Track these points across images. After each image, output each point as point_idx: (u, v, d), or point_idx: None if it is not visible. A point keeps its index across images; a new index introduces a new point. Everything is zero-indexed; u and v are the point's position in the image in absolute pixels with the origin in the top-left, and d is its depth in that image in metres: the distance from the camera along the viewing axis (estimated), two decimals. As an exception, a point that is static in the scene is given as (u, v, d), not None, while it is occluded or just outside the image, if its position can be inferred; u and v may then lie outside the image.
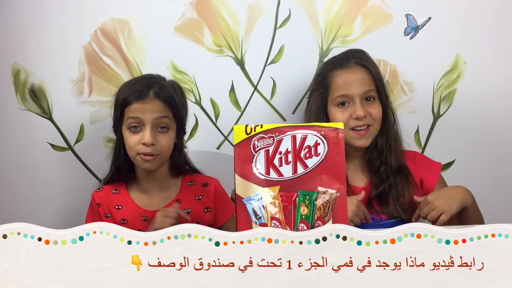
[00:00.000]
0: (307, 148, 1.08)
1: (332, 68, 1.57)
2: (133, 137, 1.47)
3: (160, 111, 1.47)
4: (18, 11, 1.75)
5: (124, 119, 1.49)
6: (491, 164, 1.87)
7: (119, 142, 1.53)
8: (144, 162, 1.47)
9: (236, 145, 1.08)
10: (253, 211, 1.06)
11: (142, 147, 1.46)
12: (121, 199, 1.54)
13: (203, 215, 1.55)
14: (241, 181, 1.07)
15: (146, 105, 1.46)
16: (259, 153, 1.08)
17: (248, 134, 1.08)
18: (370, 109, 1.51)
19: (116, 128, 1.54)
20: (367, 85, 1.52)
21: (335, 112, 1.53)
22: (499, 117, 1.85)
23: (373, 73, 1.54)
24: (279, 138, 1.08)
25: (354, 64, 1.54)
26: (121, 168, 1.54)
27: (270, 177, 1.07)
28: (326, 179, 1.08)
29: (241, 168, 1.07)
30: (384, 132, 1.56)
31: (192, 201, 1.54)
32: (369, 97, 1.53)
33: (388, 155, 1.55)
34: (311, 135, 1.09)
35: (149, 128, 1.46)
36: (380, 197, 1.52)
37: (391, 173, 1.54)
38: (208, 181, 1.58)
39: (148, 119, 1.46)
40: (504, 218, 1.78)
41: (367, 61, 1.56)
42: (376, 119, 1.53)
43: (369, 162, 1.56)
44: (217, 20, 1.78)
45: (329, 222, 1.06)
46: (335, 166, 1.08)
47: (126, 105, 1.48)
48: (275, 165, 1.08)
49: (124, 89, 1.52)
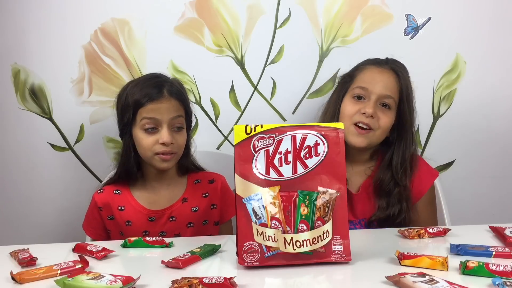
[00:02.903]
0: (307, 148, 1.08)
1: (367, 63, 1.56)
2: (149, 138, 1.45)
3: (175, 110, 1.47)
4: (18, 11, 1.75)
5: (137, 120, 1.46)
6: (491, 164, 1.87)
7: (129, 144, 1.49)
8: (163, 161, 1.46)
9: (236, 145, 1.08)
10: (253, 211, 1.06)
11: (160, 147, 1.45)
12: (123, 199, 1.52)
13: (210, 212, 1.55)
14: (241, 181, 1.07)
15: (162, 104, 1.45)
16: (259, 153, 1.08)
17: (248, 134, 1.08)
18: (380, 114, 1.48)
19: (124, 131, 1.50)
20: (390, 90, 1.49)
21: (347, 102, 1.51)
22: (499, 117, 1.86)
23: (402, 84, 1.51)
24: (279, 138, 1.08)
25: (388, 67, 1.52)
26: (131, 170, 1.51)
27: (270, 177, 1.07)
28: (326, 179, 1.08)
29: (241, 168, 1.07)
30: (401, 153, 1.51)
31: (199, 198, 1.54)
32: (386, 103, 1.49)
33: (403, 177, 1.50)
34: (311, 135, 1.09)
35: (166, 127, 1.45)
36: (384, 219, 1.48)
37: (402, 199, 1.48)
38: (214, 177, 1.57)
39: (164, 119, 1.45)
40: (504, 218, 1.79)
41: (402, 72, 1.53)
42: (382, 127, 1.48)
43: (382, 182, 1.50)
44: (217, 20, 1.78)
45: (329, 222, 1.06)
46: (335, 166, 1.08)
47: (139, 106, 1.45)
48: (275, 165, 1.07)
49: (133, 91, 1.48)
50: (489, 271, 0.98)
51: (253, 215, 1.06)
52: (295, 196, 1.06)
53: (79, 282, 0.96)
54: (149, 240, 1.24)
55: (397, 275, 0.95)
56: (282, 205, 1.06)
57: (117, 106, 1.52)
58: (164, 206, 1.51)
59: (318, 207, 1.06)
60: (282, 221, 1.05)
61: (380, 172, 1.52)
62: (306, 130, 1.09)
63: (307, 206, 1.06)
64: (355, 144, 1.49)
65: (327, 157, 1.08)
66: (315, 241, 1.05)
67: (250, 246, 1.05)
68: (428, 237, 1.24)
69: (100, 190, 1.55)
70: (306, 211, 1.06)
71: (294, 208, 1.06)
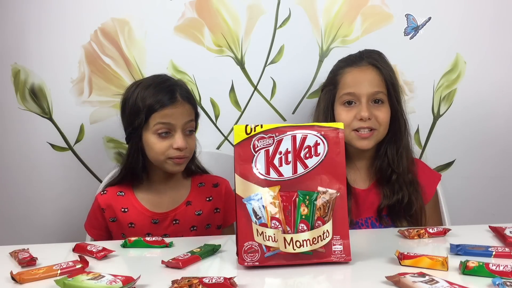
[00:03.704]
0: (307, 148, 1.08)
1: (344, 65, 1.53)
2: (162, 142, 1.44)
3: (188, 114, 1.46)
4: (18, 11, 1.75)
5: (149, 125, 1.44)
6: (491, 164, 1.87)
7: (138, 147, 1.47)
8: (176, 165, 1.46)
9: (236, 145, 1.08)
10: (253, 211, 1.06)
11: (174, 152, 1.44)
12: (127, 201, 1.51)
13: (213, 216, 1.54)
14: (241, 181, 1.07)
15: (177, 109, 1.44)
16: (259, 153, 1.08)
17: (248, 134, 1.08)
18: (376, 112, 1.47)
19: (133, 135, 1.47)
20: (376, 86, 1.47)
21: (340, 111, 1.49)
22: (499, 117, 1.86)
23: (385, 75, 1.48)
24: (279, 138, 1.08)
25: (366, 63, 1.50)
26: (137, 173, 1.50)
27: (270, 177, 1.07)
28: (326, 179, 1.08)
29: (241, 168, 1.07)
30: (394, 140, 1.50)
31: (203, 202, 1.53)
32: (377, 99, 1.48)
33: (400, 163, 1.49)
34: (311, 135, 1.08)
35: (180, 132, 1.44)
36: (391, 208, 1.48)
37: (403, 184, 1.48)
38: (218, 181, 1.57)
39: (179, 123, 1.44)
40: (504, 218, 1.79)
41: (381, 62, 1.50)
42: (382, 124, 1.47)
43: (380, 171, 1.51)
44: (217, 20, 1.78)
45: (329, 222, 1.06)
46: (335, 166, 1.08)
47: (153, 111, 1.43)
48: (275, 165, 1.07)
49: (144, 94, 1.45)
50: (489, 271, 0.98)
51: (253, 215, 1.06)
52: (295, 196, 1.06)
53: (79, 282, 0.96)
54: (149, 240, 1.24)
55: (397, 275, 0.95)
56: (282, 205, 1.06)
57: (123, 109, 1.50)
58: (168, 209, 1.51)
59: (318, 207, 1.06)
60: (282, 221, 1.05)
61: (377, 161, 1.51)
62: (306, 130, 1.09)
63: (307, 206, 1.06)
64: (363, 147, 1.48)
65: (327, 157, 1.08)
66: (315, 241, 1.05)
67: (250, 246, 1.05)
68: (428, 237, 1.24)
69: (103, 191, 1.54)
70: (306, 211, 1.06)
71: (294, 208, 1.06)
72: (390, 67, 1.52)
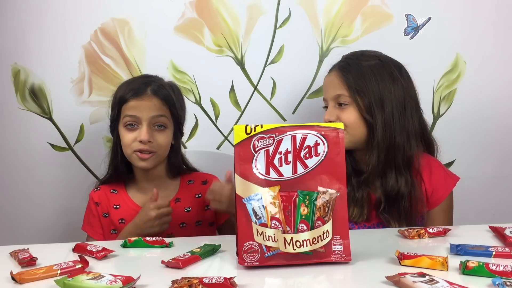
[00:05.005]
0: (307, 148, 1.08)
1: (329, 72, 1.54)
2: (129, 134, 1.47)
3: (157, 109, 1.48)
4: (18, 11, 1.75)
5: (121, 117, 1.49)
6: (491, 164, 1.87)
7: (116, 141, 1.53)
8: (140, 160, 1.47)
9: (236, 145, 1.08)
10: (253, 211, 1.06)
11: (138, 144, 1.46)
12: (119, 199, 1.54)
13: (203, 213, 1.55)
14: (241, 181, 1.07)
15: (143, 102, 1.47)
16: (259, 153, 1.08)
17: (248, 134, 1.08)
18: (340, 113, 1.45)
19: (113, 128, 1.53)
20: (337, 89, 1.47)
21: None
22: (499, 117, 1.86)
23: (347, 77, 1.46)
24: (279, 138, 1.08)
25: (334, 69, 1.51)
26: (119, 168, 1.54)
27: (270, 177, 1.07)
28: (326, 179, 1.08)
29: (241, 168, 1.07)
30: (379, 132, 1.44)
31: (192, 199, 1.54)
32: (341, 103, 1.46)
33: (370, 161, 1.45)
34: (311, 135, 1.08)
35: (145, 125, 1.46)
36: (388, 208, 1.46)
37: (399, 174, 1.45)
38: (207, 178, 1.58)
39: (145, 116, 1.46)
40: (504, 218, 1.79)
41: (346, 67, 1.48)
42: (347, 124, 1.41)
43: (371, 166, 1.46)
44: (217, 20, 1.78)
45: (329, 222, 1.06)
46: (335, 166, 1.08)
47: (123, 103, 1.48)
48: (275, 165, 1.07)
49: (121, 88, 1.53)
50: (489, 271, 0.97)
51: (253, 215, 1.06)
52: (295, 196, 1.06)
53: (79, 282, 0.96)
54: (149, 240, 1.24)
55: (397, 275, 0.95)
56: (282, 205, 1.06)
57: (110, 104, 1.56)
58: None
59: (318, 207, 1.06)
60: (282, 221, 1.05)
61: (368, 159, 1.47)
62: (306, 130, 1.09)
63: (307, 206, 1.06)
64: None
65: (327, 157, 1.08)
66: (315, 241, 1.05)
67: (250, 246, 1.05)
68: (428, 237, 1.24)
69: (96, 188, 1.57)
70: (306, 211, 1.06)
71: (294, 208, 1.06)
72: (359, 67, 1.48)
